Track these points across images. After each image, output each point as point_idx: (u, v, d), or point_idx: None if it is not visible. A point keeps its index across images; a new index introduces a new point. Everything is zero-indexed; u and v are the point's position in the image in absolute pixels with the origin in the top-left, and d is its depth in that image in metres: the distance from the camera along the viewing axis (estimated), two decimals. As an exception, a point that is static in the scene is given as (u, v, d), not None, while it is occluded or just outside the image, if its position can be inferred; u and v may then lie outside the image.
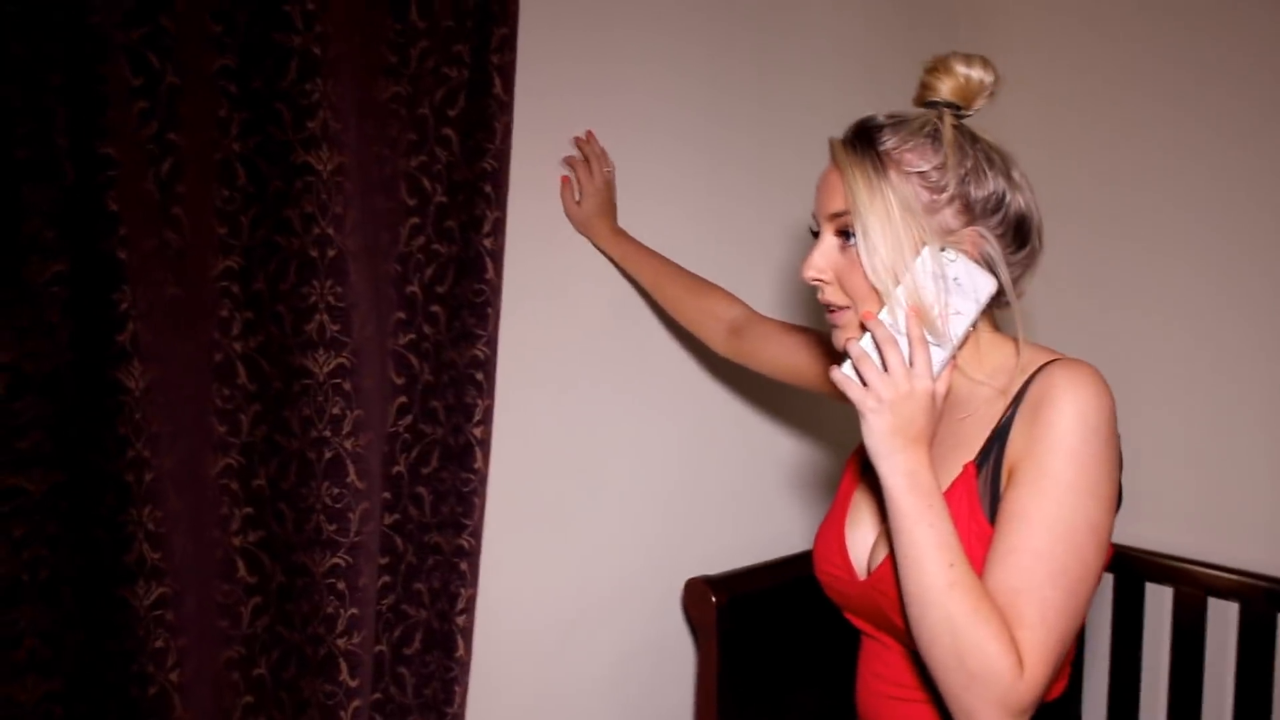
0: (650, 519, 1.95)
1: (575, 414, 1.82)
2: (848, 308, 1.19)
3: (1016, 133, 1.24)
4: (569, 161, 1.77)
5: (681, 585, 1.95)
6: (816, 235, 1.23)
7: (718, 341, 1.73)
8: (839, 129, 1.23)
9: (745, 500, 2.10)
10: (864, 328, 1.14)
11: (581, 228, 1.79)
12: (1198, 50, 2.07)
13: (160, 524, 1.22)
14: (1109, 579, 2.15)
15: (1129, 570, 2.12)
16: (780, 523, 2.13)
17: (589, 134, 1.77)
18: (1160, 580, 2.09)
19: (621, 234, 1.79)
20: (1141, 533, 2.14)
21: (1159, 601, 2.10)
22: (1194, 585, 2.03)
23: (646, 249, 1.79)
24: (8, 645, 1.20)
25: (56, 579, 1.22)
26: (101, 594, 1.23)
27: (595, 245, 1.81)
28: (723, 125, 1.99)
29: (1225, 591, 1.99)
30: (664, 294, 1.79)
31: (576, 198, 1.77)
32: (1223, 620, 2.02)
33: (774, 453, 2.14)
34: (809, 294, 1.25)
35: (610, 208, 1.79)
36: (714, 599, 1.86)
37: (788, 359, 1.61)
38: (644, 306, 1.90)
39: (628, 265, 1.82)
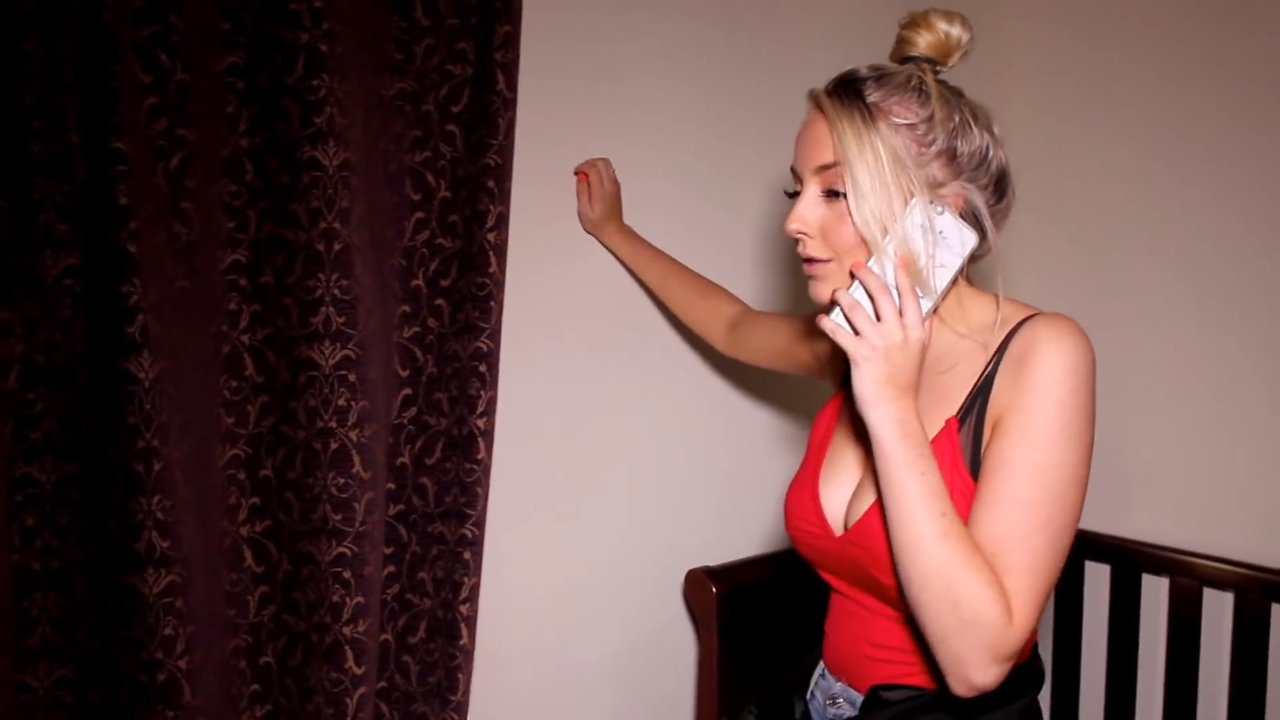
0: (652, 510, 1.97)
1: (578, 406, 1.84)
2: (829, 260, 1.20)
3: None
4: (582, 169, 1.77)
5: (683, 576, 1.98)
6: (792, 196, 1.23)
7: (719, 340, 1.74)
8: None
9: (746, 492, 2.11)
10: (853, 278, 1.14)
11: (591, 228, 1.80)
12: None
13: (169, 513, 1.24)
14: (1105, 570, 2.17)
15: (1125, 561, 2.13)
16: (779, 515, 2.14)
17: (580, 171, 1.78)
18: (1156, 571, 2.10)
19: (629, 232, 1.81)
20: (1137, 524, 2.16)
21: (1155, 592, 2.12)
22: (1189, 576, 2.04)
23: (654, 248, 1.81)
24: (21, 632, 1.22)
25: (68, 567, 1.25)
26: (111, 582, 1.25)
27: (603, 244, 1.82)
28: (730, 104, 1.99)
29: (1220, 582, 2.01)
30: (670, 294, 1.80)
31: (590, 201, 1.78)
32: (1218, 611, 2.03)
33: (775, 445, 2.16)
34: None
35: (618, 208, 1.81)
36: (714, 589, 1.88)
37: (771, 340, 1.63)
38: (646, 300, 1.92)
39: (635, 265, 1.83)
